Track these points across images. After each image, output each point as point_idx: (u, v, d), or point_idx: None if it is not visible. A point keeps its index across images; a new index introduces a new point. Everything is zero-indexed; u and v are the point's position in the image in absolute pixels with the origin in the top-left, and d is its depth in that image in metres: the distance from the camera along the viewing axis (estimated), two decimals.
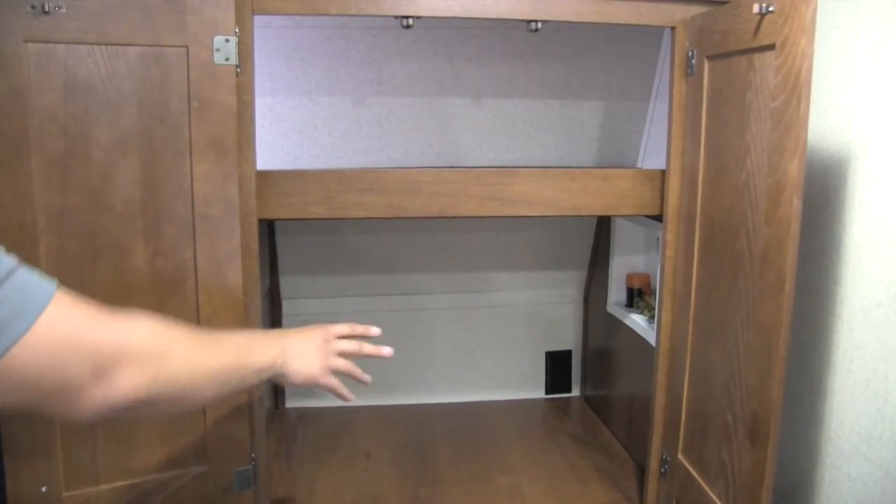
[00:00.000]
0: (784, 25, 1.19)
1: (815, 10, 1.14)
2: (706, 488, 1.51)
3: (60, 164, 1.31)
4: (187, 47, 1.37)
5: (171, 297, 1.44)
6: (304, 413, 2.47)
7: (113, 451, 1.47)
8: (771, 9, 1.22)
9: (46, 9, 1.25)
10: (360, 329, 1.40)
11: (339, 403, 2.42)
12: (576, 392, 2.65)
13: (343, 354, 1.36)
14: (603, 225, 2.39)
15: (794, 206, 1.18)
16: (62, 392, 0.84)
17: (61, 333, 0.83)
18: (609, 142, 2.28)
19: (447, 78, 2.13)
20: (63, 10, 1.28)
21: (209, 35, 1.38)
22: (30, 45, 1.28)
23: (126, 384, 0.88)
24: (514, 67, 2.15)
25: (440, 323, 2.53)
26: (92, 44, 1.32)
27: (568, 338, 2.62)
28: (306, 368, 1.28)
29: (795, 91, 1.17)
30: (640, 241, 2.25)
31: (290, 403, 2.50)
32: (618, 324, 2.24)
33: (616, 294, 2.30)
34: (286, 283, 2.40)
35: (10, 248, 1.25)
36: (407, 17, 1.52)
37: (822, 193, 1.53)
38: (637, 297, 2.18)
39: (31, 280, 0.84)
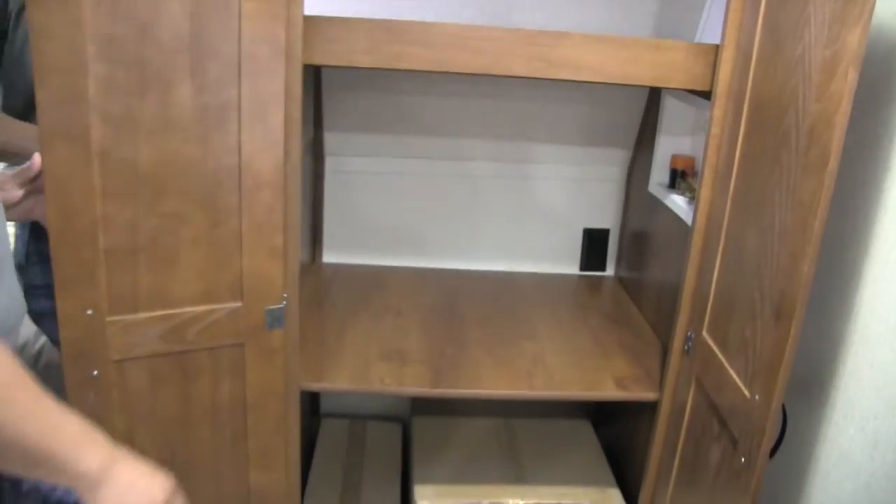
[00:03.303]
0: None
1: None
2: (726, 365, 1.53)
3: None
4: None
5: (214, 133, 1.45)
6: (340, 269, 2.52)
7: (153, 281, 1.51)
8: None
9: None
10: None
11: (375, 262, 2.52)
12: (610, 271, 2.66)
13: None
14: (652, 103, 2.34)
15: (849, 78, 1.14)
16: None
17: None
18: (667, 16, 2.21)
19: None
20: None
21: None
22: None
23: None
24: None
25: (480, 190, 2.53)
26: None
27: (607, 217, 2.61)
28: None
29: None
30: (689, 122, 2.21)
31: (327, 259, 2.55)
32: (658, 204, 2.22)
33: (659, 175, 2.27)
34: (330, 139, 2.41)
35: (62, 77, 1.27)
36: None
37: (885, 76, 1.47)
38: (680, 178, 2.15)
39: None
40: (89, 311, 1.46)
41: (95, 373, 1.50)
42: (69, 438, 0.93)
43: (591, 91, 2.32)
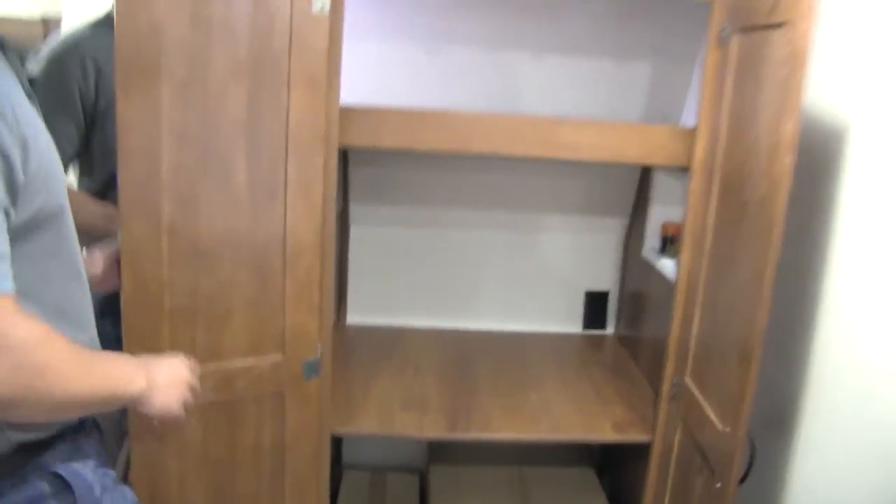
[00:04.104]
0: (793, 6, 1.41)
1: None
2: (705, 404, 1.76)
3: (183, 88, 1.55)
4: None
5: (264, 207, 1.69)
6: (362, 329, 2.76)
7: (208, 337, 1.71)
8: None
9: None
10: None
11: (395, 323, 2.75)
12: (610, 330, 2.89)
13: (192, 389, 1.48)
14: (645, 177, 2.61)
15: (786, 162, 1.40)
16: None
17: None
18: (656, 98, 2.49)
19: (510, 33, 2.34)
20: None
21: None
22: None
23: None
24: (573, 27, 2.36)
25: (491, 257, 2.78)
26: None
27: (607, 280, 2.85)
28: (167, 400, 1.37)
29: (798, 63, 1.39)
30: (678, 193, 2.46)
31: (351, 320, 2.79)
32: (650, 268, 2.47)
33: (652, 241, 2.52)
34: (355, 210, 2.67)
35: (141, 162, 1.50)
36: None
37: (824, 155, 1.74)
38: (669, 243, 2.40)
39: None
40: None
41: (156, 421, 1.66)
42: (122, 377, 1.23)
43: (590, 167, 2.58)
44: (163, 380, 1.36)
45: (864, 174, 1.62)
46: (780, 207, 1.43)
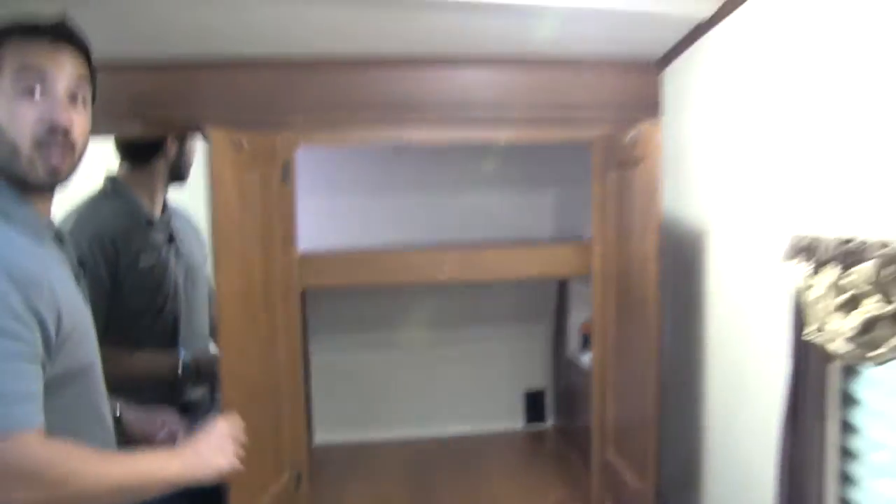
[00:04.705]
0: (644, 146, 1.85)
1: (659, 139, 1.81)
2: (624, 471, 2.11)
3: (238, 257, 1.85)
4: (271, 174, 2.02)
5: (272, 345, 2.03)
6: (329, 448, 3.05)
7: (259, 472, 1.92)
8: (637, 137, 1.88)
9: (242, 145, 1.83)
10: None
11: (358, 440, 3.06)
12: (550, 423, 3.24)
13: (236, 439, 1.61)
14: (563, 286, 3.01)
15: (651, 269, 1.83)
16: None
17: None
18: (564, 218, 2.93)
19: (433, 178, 2.78)
20: (246, 146, 1.85)
21: (280, 163, 2.04)
22: (231, 171, 1.80)
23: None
24: (485, 168, 2.79)
25: (437, 370, 3.14)
26: (252, 169, 1.90)
27: (541, 378, 3.22)
28: (216, 465, 1.50)
29: (652, 191, 1.83)
30: (591, 297, 2.86)
31: (318, 440, 3.08)
32: (575, 364, 2.85)
33: (573, 340, 2.91)
34: (314, 342, 3.00)
35: (223, 324, 1.74)
36: (400, 146, 2.17)
37: (692, 253, 2.14)
38: (588, 341, 2.78)
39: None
40: None
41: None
42: (153, 466, 1.40)
43: (513, 282, 2.97)
44: (204, 453, 1.50)
45: (720, 265, 2.02)
46: (653, 305, 1.84)
